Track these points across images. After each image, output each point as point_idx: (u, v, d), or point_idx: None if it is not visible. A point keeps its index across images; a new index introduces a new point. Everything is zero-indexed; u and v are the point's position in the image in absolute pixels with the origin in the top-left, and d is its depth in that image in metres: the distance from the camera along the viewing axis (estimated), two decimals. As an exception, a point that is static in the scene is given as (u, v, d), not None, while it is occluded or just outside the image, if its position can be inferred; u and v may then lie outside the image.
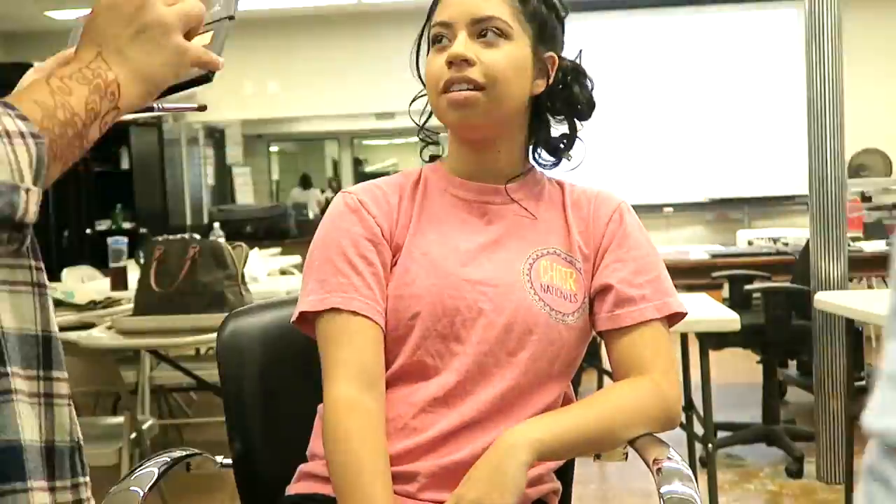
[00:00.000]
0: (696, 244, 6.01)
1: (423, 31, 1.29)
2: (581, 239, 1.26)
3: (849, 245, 3.59)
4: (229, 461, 1.36)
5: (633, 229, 1.27)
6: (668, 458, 1.12)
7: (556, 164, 1.32)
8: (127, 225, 7.45)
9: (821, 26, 3.34)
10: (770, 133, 7.36)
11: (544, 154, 1.31)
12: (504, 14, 1.21)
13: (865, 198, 6.70)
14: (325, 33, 7.96)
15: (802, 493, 3.28)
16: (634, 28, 7.46)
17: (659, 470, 1.10)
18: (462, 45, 1.19)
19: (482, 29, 1.20)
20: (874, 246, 4.70)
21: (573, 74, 1.29)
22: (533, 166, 1.31)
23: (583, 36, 8.66)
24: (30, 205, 0.69)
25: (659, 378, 1.19)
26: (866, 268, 4.72)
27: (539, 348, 1.19)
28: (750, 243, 5.30)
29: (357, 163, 10.51)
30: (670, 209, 7.33)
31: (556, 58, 1.27)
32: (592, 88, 1.30)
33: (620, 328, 1.22)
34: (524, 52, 1.22)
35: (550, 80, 1.26)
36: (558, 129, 1.31)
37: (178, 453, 1.28)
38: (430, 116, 1.29)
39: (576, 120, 1.30)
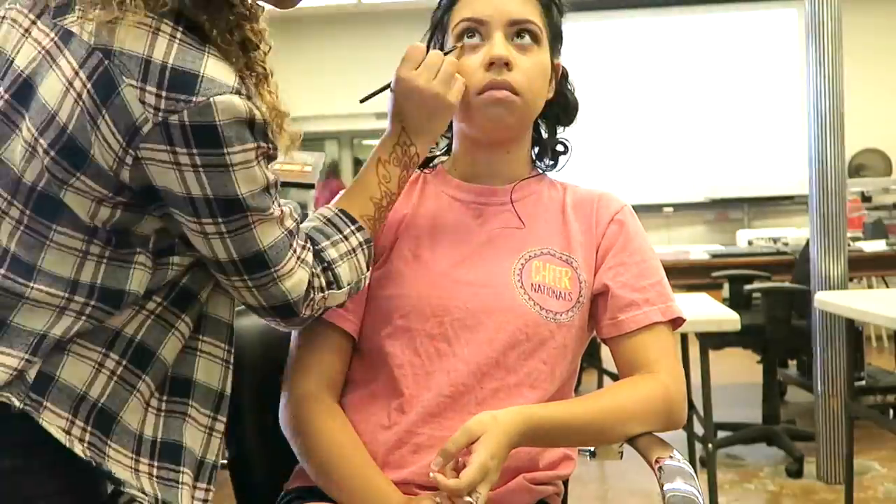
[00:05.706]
0: (696, 244, 6.00)
1: (439, 20, 1.24)
2: (583, 238, 1.25)
3: (849, 245, 3.59)
4: (224, 461, 1.35)
5: (635, 233, 1.26)
6: (670, 457, 1.11)
7: (554, 167, 1.32)
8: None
9: (821, 26, 3.33)
10: (770, 133, 7.35)
11: (543, 157, 1.32)
12: (537, 19, 1.20)
13: (865, 198, 6.70)
14: (325, 33, 7.95)
15: (802, 493, 3.28)
16: (634, 28, 7.46)
17: (660, 468, 1.09)
18: (502, 46, 1.17)
19: (518, 31, 1.19)
20: (874, 246, 4.70)
21: (565, 80, 1.31)
22: (538, 171, 1.31)
23: (583, 36, 8.53)
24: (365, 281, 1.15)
25: (664, 378, 1.18)
26: (866, 268, 4.72)
27: (530, 347, 1.18)
28: (750, 243, 5.30)
29: (357, 163, 10.48)
30: (670, 209, 7.32)
31: (560, 65, 1.28)
32: (574, 91, 1.32)
33: (626, 333, 1.20)
34: (547, 58, 1.23)
35: (555, 87, 1.27)
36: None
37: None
38: None
39: (562, 123, 1.31)
